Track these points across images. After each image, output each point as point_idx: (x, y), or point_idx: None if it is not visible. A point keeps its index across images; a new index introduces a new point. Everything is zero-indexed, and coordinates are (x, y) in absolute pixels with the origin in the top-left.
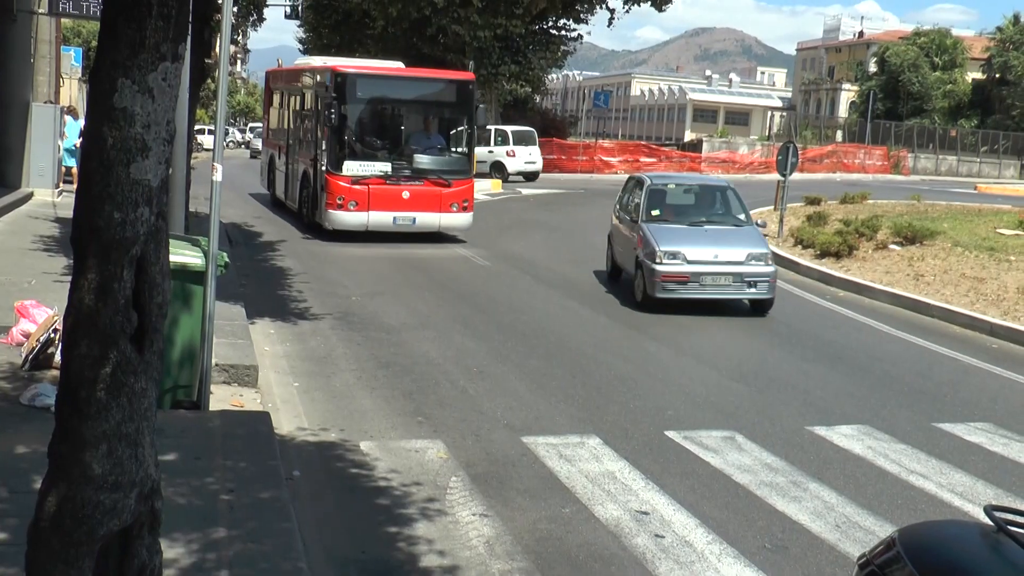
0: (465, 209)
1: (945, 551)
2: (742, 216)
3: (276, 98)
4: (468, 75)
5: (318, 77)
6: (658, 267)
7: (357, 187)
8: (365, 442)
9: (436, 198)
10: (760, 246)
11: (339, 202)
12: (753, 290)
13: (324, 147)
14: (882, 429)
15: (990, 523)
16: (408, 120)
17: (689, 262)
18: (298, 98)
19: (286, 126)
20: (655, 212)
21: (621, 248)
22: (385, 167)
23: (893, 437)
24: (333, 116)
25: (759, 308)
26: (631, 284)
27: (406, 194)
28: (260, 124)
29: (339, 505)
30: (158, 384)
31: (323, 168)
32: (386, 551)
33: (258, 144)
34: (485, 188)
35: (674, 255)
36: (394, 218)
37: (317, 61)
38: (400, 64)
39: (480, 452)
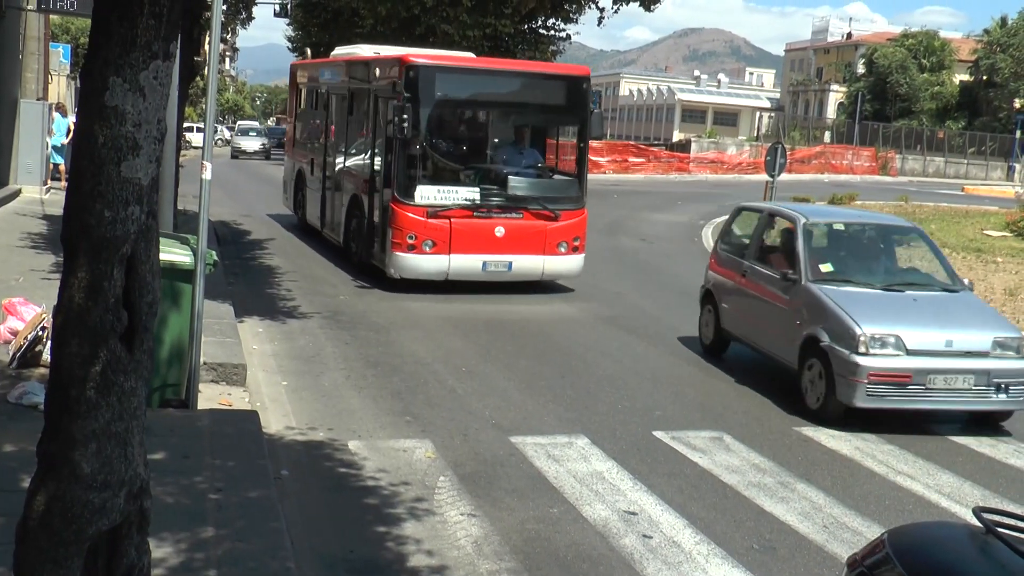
0: (576, 249)
1: (934, 552)
2: (948, 276)
3: (305, 98)
4: (582, 70)
5: (377, 71)
6: (862, 360)
7: (435, 221)
8: (353, 441)
9: (539, 236)
10: (1007, 327)
11: (410, 241)
12: (1003, 396)
13: (386, 165)
14: (869, 430)
15: (979, 525)
16: (499, 130)
17: (910, 352)
18: (343, 98)
19: (323, 134)
20: (827, 268)
21: (751, 314)
22: (472, 194)
23: (881, 438)
24: (403, 124)
25: (992, 420)
26: (768, 368)
27: (500, 230)
28: (249, 123)
29: (327, 504)
30: (148, 383)
31: (384, 193)
32: (374, 551)
33: (243, 143)
34: None
35: (886, 341)
36: (484, 263)
37: (366, 50)
38: (471, 56)
39: (468, 452)
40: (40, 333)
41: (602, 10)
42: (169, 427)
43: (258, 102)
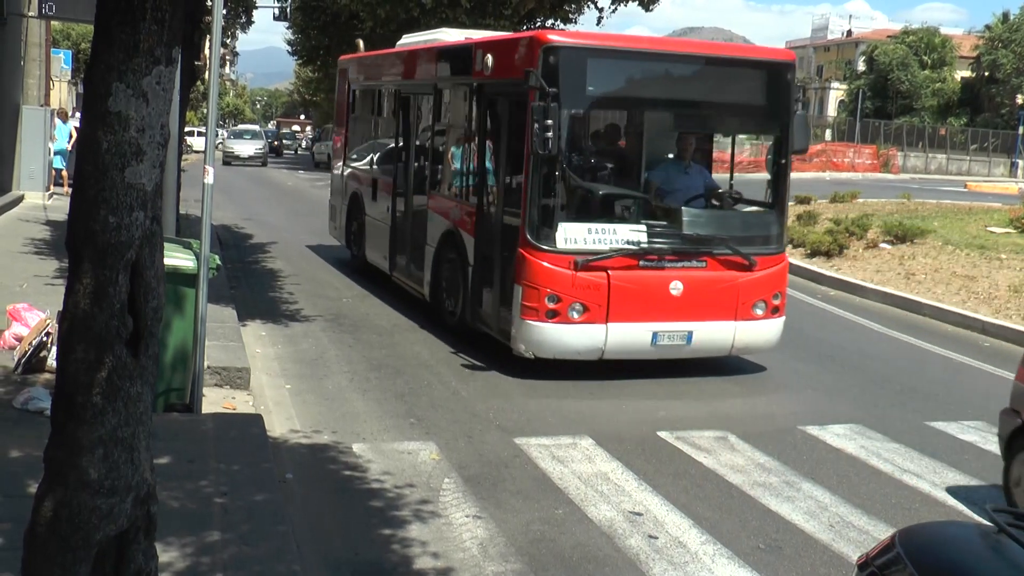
0: (776, 311)
1: (946, 552)
2: None
3: (363, 101)
4: (786, 54)
5: (490, 60)
6: None
7: (586, 275)
8: (358, 444)
9: (729, 293)
10: None
11: (550, 305)
12: None
13: (506, 192)
14: (875, 428)
15: (990, 524)
16: (659, 139)
17: None
18: (426, 100)
19: (393, 148)
20: None
21: None
22: (637, 233)
23: (886, 436)
24: (543, 134)
25: None
26: None
27: (677, 287)
28: (245, 125)
29: (332, 507)
30: (153, 388)
31: (503, 232)
32: (380, 553)
33: (236, 147)
34: None
35: None
36: (654, 334)
37: (450, 34)
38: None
39: (473, 454)
40: (44, 339)
41: (601, 10)
42: (174, 431)
43: (258, 106)
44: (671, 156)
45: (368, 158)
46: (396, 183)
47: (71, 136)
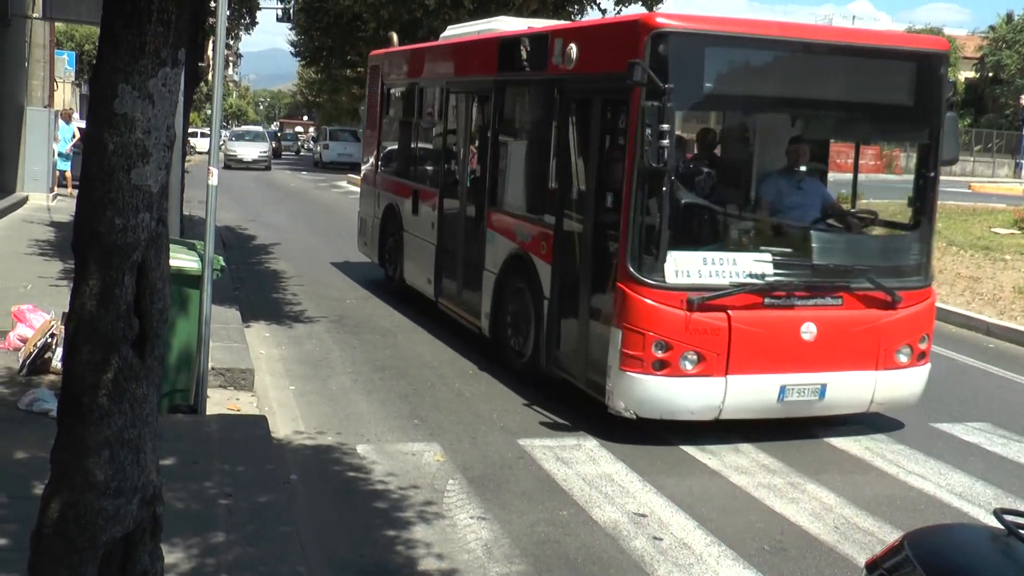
0: (922, 357)
1: (955, 555)
2: None
3: (402, 101)
4: (939, 43)
5: (574, 51)
6: None
7: (702, 317)
8: (362, 445)
9: (870, 336)
10: None
11: (658, 354)
12: None
13: (597, 212)
14: (879, 429)
15: (999, 526)
16: (771, 149)
17: None
18: (486, 101)
19: (441, 155)
20: None
21: None
22: (762, 264)
23: (890, 437)
24: (660, 141)
25: None
26: None
27: (809, 329)
28: (247, 127)
29: (337, 509)
30: (159, 389)
31: (593, 261)
32: (384, 555)
33: (238, 149)
34: None
35: None
36: (782, 388)
37: (511, 23)
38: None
39: (477, 455)
40: (49, 340)
41: (604, 11)
42: (178, 432)
43: (261, 107)
44: (780, 167)
45: (407, 166)
46: (444, 195)
47: (75, 137)
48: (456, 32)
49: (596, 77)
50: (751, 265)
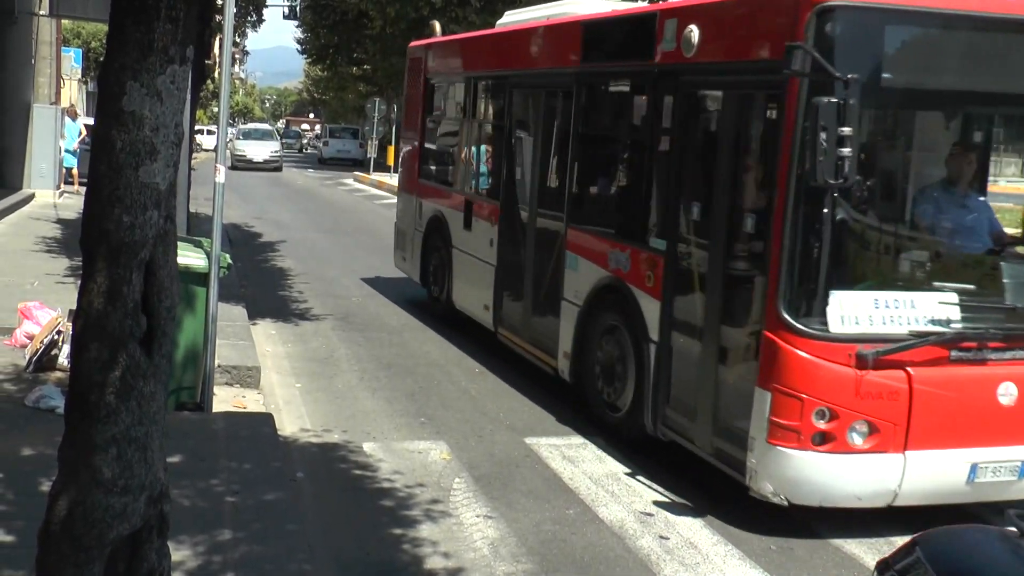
0: None
1: (968, 557)
2: None
3: (453, 99)
4: None
5: (695, 33)
6: None
7: (876, 377)
8: (368, 443)
9: None
10: None
11: (819, 425)
12: None
13: (730, 236)
14: None
15: (1012, 528)
16: (932, 153)
17: None
18: (565, 97)
19: (506, 161)
20: None
21: None
22: (946, 307)
23: None
24: (839, 150)
25: None
26: None
27: (1008, 391)
28: (256, 124)
29: (343, 507)
30: (166, 387)
31: (731, 302)
32: (391, 553)
33: (247, 149)
34: None
35: None
36: (972, 467)
37: (584, 5)
38: None
39: (483, 453)
40: (56, 337)
41: None
42: (185, 430)
43: (267, 104)
44: (941, 178)
45: (457, 172)
46: (506, 208)
47: (81, 134)
48: (517, 18)
49: (729, 67)
50: (934, 308)
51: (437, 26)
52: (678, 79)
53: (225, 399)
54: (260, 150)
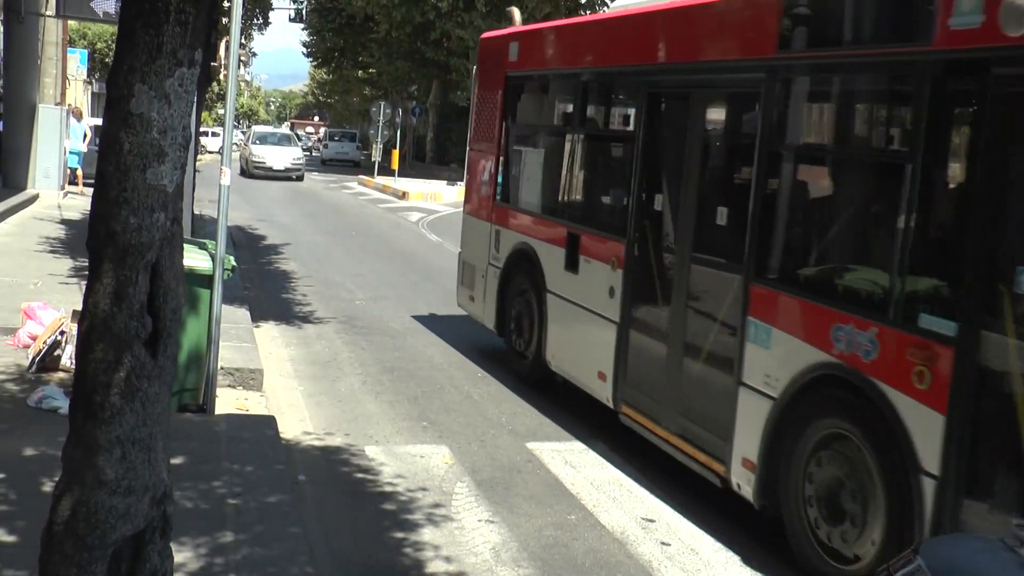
0: None
1: (970, 565)
2: None
3: (549, 104)
4: None
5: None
6: None
7: None
8: (370, 447)
9: None
10: None
11: None
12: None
13: None
14: None
15: (1015, 538)
16: None
17: None
18: (740, 105)
19: (642, 189)
20: None
21: None
22: None
23: None
24: None
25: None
26: None
27: None
28: (266, 128)
29: (345, 510)
30: (170, 389)
31: None
32: (392, 556)
33: (266, 155)
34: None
35: None
36: None
37: None
38: None
39: (485, 458)
40: (59, 337)
41: None
42: (187, 432)
43: (272, 107)
44: None
45: (557, 196)
46: (638, 247)
47: (86, 136)
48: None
49: None
50: None
51: (517, 13)
52: (987, 70)
53: (228, 401)
54: (280, 157)
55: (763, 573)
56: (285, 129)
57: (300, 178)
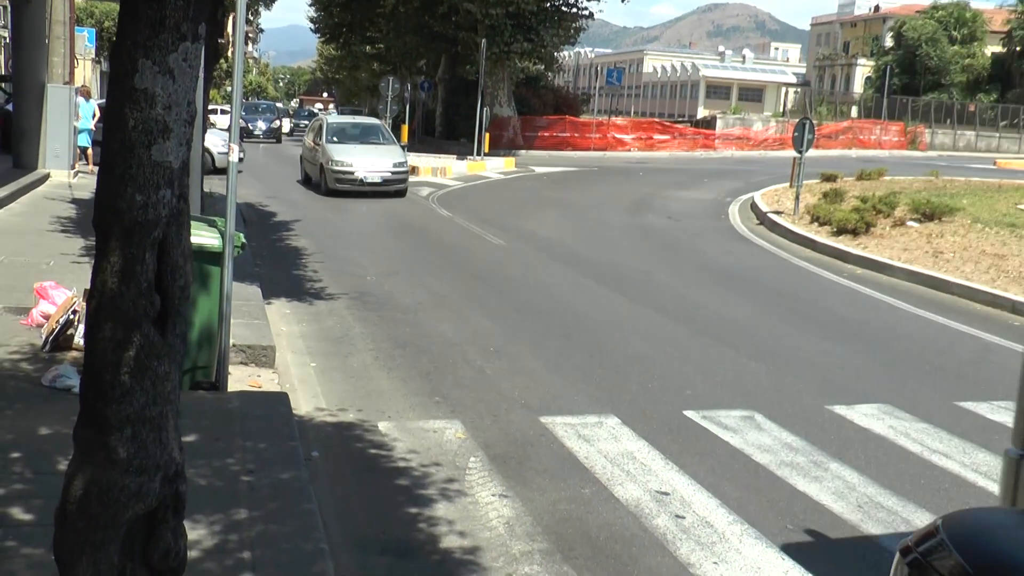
0: None
1: (993, 539)
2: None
3: None
4: None
5: None
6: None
7: None
8: (383, 422)
9: None
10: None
11: None
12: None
13: None
14: (903, 408)
15: None
16: None
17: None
18: None
19: None
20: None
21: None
22: None
23: (914, 416)
24: None
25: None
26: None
27: None
28: (344, 117)
29: (358, 486)
30: (180, 367)
31: None
32: (406, 532)
33: (354, 162)
34: (498, 167)
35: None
36: None
37: None
38: None
39: (498, 432)
40: (71, 316)
41: None
42: (200, 409)
43: (281, 84)
44: None
45: None
46: None
47: (95, 114)
48: None
49: None
50: None
51: None
52: None
53: (240, 378)
54: (375, 164)
55: (777, 545)
56: (370, 118)
57: (402, 192)
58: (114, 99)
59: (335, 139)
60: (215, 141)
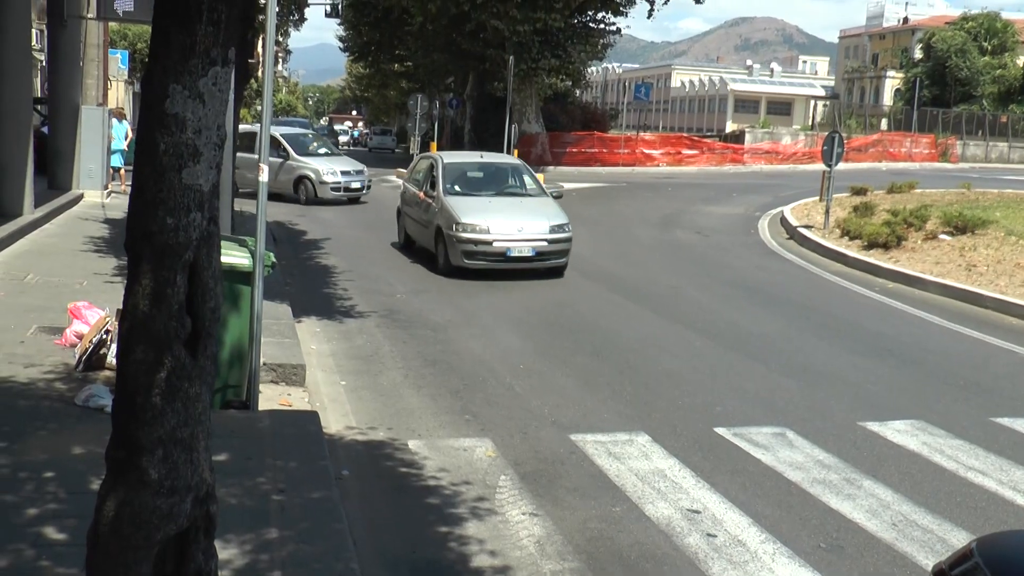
0: None
1: None
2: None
3: None
4: None
5: None
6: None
7: None
8: (413, 441)
9: None
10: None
11: None
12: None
13: None
14: (937, 424)
15: None
16: None
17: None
18: None
19: None
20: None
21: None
22: None
23: (949, 432)
24: None
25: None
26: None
27: None
28: (464, 155)
29: (389, 505)
30: (211, 388)
31: None
32: (437, 551)
33: (491, 226)
34: None
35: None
36: None
37: None
38: None
39: (528, 450)
40: (104, 336)
41: (652, 2)
42: (231, 428)
43: (310, 102)
44: None
45: None
46: None
47: (127, 135)
48: None
49: None
50: None
51: None
52: None
53: (271, 397)
54: (523, 227)
55: (811, 564)
56: (499, 155)
57: (561, 270)
58: (145, 124)
59: (457, 188)
60: (324, 167)
